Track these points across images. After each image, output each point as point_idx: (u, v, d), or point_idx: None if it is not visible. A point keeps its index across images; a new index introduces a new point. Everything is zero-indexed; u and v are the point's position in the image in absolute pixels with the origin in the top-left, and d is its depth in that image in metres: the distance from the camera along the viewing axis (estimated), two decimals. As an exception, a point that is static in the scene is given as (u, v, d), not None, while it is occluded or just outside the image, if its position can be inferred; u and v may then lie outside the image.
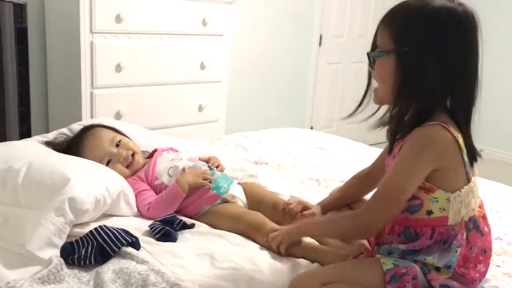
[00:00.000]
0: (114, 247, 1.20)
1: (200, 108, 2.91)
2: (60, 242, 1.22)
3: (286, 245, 1.25)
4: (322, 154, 2.23)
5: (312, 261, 1.26)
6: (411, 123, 1.08)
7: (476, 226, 1.11)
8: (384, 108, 1.17)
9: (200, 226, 1.41)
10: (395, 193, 1.08)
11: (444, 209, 1.09)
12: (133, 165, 1.59)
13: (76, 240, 1.24)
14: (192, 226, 1.39)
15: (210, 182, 1.51)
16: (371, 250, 1.20)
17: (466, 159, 1.08)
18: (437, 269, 1.08)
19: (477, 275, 1.11)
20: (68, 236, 1.26)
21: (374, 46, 1.13)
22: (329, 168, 2.02)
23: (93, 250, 1.19)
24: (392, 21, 1.09)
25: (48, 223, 1.21)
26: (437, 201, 1.08)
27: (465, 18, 1.05)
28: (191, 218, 1.47)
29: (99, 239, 1.21)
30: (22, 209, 1.29)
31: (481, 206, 1.16)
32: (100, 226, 1.26)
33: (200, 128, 2.92)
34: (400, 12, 1.09)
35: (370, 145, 2.52)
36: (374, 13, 4.25)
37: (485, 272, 1.12)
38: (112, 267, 1.16)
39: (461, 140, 1.06)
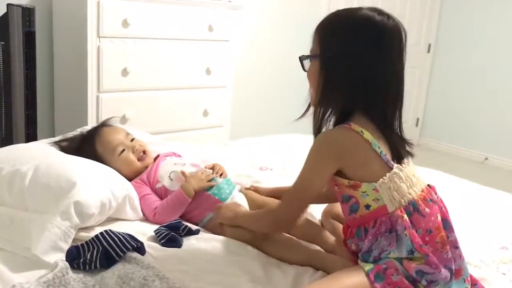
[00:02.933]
0: (119, 252, 1.21)
1: (205, 113, 2.92)
2: (66, 246, 1.22)
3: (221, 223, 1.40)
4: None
5: (318, 269, 1.26)
6: (333, 123, 1.19)
7: (416, 208, 1.14)
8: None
9: (205, 233, 1.41)
10: (301, 192, 1.20)
11: (378, 199, 1.14)
12: (145, 159, 1.63)
13: (82, 244, 1.24)
14: (197, 232, 1.39)
15: (213, 180, 1.54)
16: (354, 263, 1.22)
17: (378, 150, 1.14)
18: (408, 259, 1.11)
19: (434, 252, 1.12)
20: (74, 240, 1.26)
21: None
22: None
23: (98, 255, 1.19)
24: (320, 28, 1.19)
25: (54, 227, 1.22)
26: (368, 194, 1.14)
27: (384, 29, 1.12)
28: (195, 225, 1.47)
29: (105, 243, 1.21)
30: (28, 213, 1.29)
31: (425, 191, 1.18)
32: (105, 231, 1.26)
33: (205, 133, 2.93)
34: (327, 20, 1.19)
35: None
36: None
37: (435, 253, 1.12)
38: (117, 272, 1.16)
39: (366, 135, 1.13)
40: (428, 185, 1.22)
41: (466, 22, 4.42)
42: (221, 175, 1.62)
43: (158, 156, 1.70)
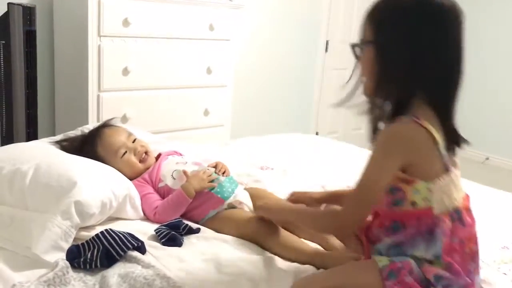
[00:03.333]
0: (120, 251, 1.21)
1: (206, 113, 2.92)
2: (66, 246, 1.23)
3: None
4: (327, 160, 2.22)
5: (318, 268, 1.25)
6: (389, 114, 1.11)
7: (459, 216, 1.12)
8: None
9: (206, 231, 1.41)
10: (367, 192, 1.11)
11: (428, 199, 1.10)
12: (147, 161, 1.63)
13: (82, 244, 1.24)
14: (197, 231, 1.39)
15: (215, 182, 1.52)
16: (367, 251, 1.20)
17: (443, 151, 1.09)
18: (429, 261, 1.09)
19: (460, 262, 1.10)
20: (74, 239, 1.26)
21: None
22: (335, 174, 2.02)
23: (99, 254, 1.19)
24: (373, 13, 1.12)
25: (55, 227, 1.22)
26: (419, 192, 1.10)
27: (440, 9, 1.07)
28: (197, 223, 1.47)
29: (105, 242, 1.22)
30: (28, 212, 1.29)
31: (465, 200, 1.16)
32: (106, 230, 1.26)
33: (205, 133, 2.93)
34: (380, 4, 1.12)
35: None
36: (380, 19, 4.25)
37: (461, 263, 1.10)
38: (117, 271, 1.16)
39: (436, 134, 1.07)
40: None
41: (467, 22, 4.40)
42: (223, 173, 1.62)
43: (159, 154, 1.70)
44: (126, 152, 1.59)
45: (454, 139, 1.13)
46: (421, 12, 1.07)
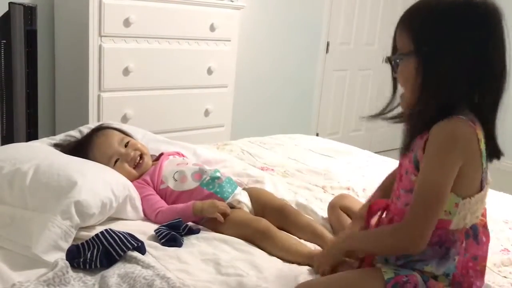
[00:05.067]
0: (120, 251, 1.21)
1: (207, 113, 2.92)
2: (66, 246, 1.22)
3: (329, 266, 1.20)
4: (328, 161, 2.22)
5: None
6: (432, 119, 1.03)
7: (475, 234, 1.09)
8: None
9: (206, 232, 1.41)
10: (434, 196, 1.02)
11: (449, 213, 1.05)
12: (141, 166, 1.61)
13: (82, 244, 1.24)
14: (197, 231, 1.39)
15: (226, 214, 1.43)
16: (370, 256, 1.18)
17: (484, 164, 1.05)
18: (435, 277, 1.08)
19: (471, 279, 1.10)
20: (74, 239, 1.26)
21: (394, 49, 1.10)
22: (335, 175, 2.02)
23: (99, 254, 1.19)
24: (409, 21, 1.06)
25: (55, 226, 1.22)
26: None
27: (484, 11, 1.00)
28: (196, 223, 1.46)
29: (105, 242, 1.21)
30: (28, 211, 1.29)
31: (483, 215, 1.13)
32: (106, 230, 1.26)
33: (206, 133, 2.93)
34: (416, 11, 1.06)
35: (375, 152, 2.52)
36: (381, 20, 4.25)
37: (474, 280, 1.10)
38: (117, 271, 1.16)
39: (482, 143, 1.03)
40: None
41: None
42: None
43: (162, 154, 1.70)
44: (118, 159, 1.57)
45: (494, 151, 1.07)
46: (466, 15, 1.00)
